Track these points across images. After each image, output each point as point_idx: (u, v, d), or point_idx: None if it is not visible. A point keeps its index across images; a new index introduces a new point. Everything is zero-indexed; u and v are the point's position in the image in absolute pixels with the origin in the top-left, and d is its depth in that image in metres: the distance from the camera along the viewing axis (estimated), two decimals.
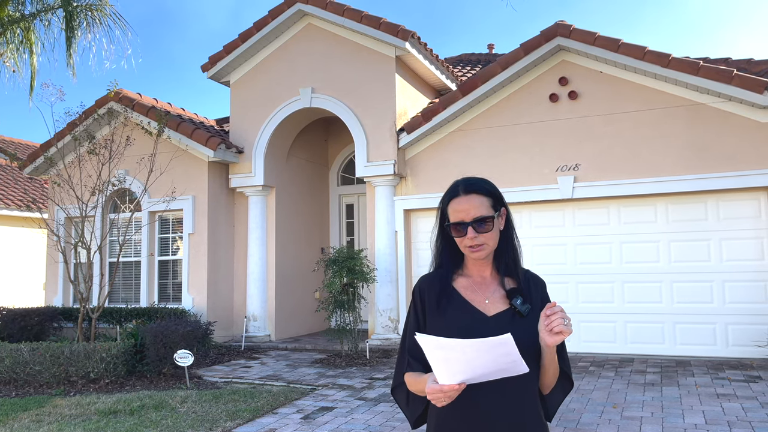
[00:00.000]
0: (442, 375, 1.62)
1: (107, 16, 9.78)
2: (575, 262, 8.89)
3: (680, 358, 8.07)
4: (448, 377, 1.62)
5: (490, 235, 1.84)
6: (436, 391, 1.63)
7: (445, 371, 1.61)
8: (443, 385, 1.61)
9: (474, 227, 1.82)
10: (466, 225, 1.82)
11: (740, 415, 5.33)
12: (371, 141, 9.78)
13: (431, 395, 1.65)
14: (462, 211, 1.84)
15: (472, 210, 1.83)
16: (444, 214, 1.92)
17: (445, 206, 1.91)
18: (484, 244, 1.84)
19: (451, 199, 1.89)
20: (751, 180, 7.89)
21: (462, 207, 1.84)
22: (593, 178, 8.67)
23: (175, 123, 10.13)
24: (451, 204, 1.88)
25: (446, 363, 1.60)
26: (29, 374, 7.46)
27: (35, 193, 15.10)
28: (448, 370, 1.61)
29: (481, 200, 1.86)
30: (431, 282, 1.94)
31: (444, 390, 1.61)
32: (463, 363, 1.60)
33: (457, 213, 1.85)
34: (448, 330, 1.83)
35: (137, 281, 10.89)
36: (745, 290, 8.02)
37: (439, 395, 1.63)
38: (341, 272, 8.53)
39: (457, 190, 1.90)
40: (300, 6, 10.14)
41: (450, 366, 1.61)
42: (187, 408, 6.11)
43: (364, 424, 5.44)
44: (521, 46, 8.85)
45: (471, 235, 1.82)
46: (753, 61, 9.10)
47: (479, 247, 1.84)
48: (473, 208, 1.83)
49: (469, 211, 1.83)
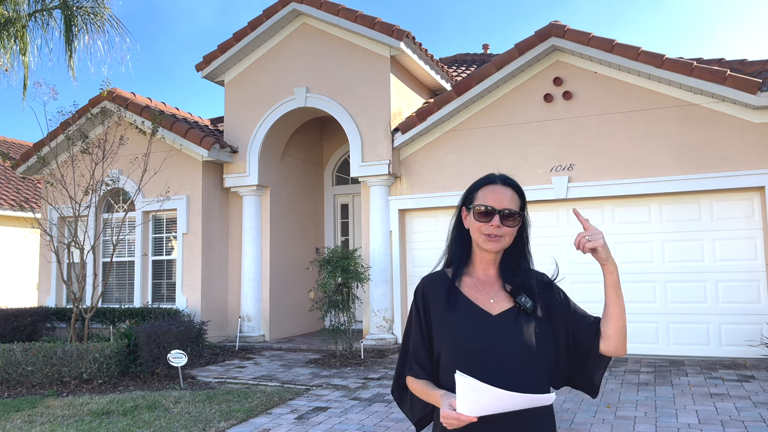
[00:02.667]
0: (464, 407, 1.57)
1: (105, 20, 9.75)
2: (569, 262, 8.90)
3: (674, 358, 8.10)
4: (469, 411, 1.57)
5: (511, 231, 1.84)
6: (452, 417, 1.60)
7: (469, 405, 1.57)
8: (461, 415, 1.58)
9: (501, 217, 1.82)
10: (496, 212, 1.82)
11: (733, 415, 5.35)
12: (366, 141, 9.77)
13: (445, 420, 1.62)
14: (495, 198, 1.84)
15: (506, 201, 1.84)
16: (469, 199, 1.90)
17: (474, 191, 1.90)
18: (503, 237, 1.83)
19: (485, 184, 1.89)
20: (744, 180, 7.92)
21: (496, 195, 1.85)
22: (587, 178, 8.68)
23: (169, 122, 10.09)
24: (484, 189, 1.88)
25: (475, 401, 1.56)
26: (21, 375, 7.42)
27: (28, 193, 15.03)
28: (473, 406, 1.57)
29: (515, 196, 1.87)
30: (434, 281, 1.93)
31: (461, 420, 1.58)
32: (492, 405, 1.57)
33: (490, 199, 1.84)
34: (452, 330, 1.81)
35: (131, 281, 10.84)
36: (739, 290, 8.05)
37: (454, 422, 1.60)
38: (335, 272, 8.52)
39: (494, 178, 1.90)
40: (294, 5, 10.12)
41: (477, 404, 1.57)
42: (180, 408, 6.09)
43: (358, 425, 5.43)
44: (516, 46, 8.86)
45: (496, 223, 1.81)
46: (746, 61, 9.13)
47: (498, 238, 1.82)
48: (507, 199, 1.84)
49: (503, 201, 1.83)
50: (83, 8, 9.70)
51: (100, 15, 9.82)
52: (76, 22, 9.65)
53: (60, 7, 9.71)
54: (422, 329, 1.89)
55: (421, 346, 1.89)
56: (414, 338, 1.91)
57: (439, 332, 1.84)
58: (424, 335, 1.89)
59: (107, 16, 9.89)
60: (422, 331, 1.89)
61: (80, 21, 9.71)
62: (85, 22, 9.76)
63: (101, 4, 9.87)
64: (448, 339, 1.81)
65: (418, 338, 1.90)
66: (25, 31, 9.91)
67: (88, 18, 9.75)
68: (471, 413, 1.57)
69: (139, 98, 10.76)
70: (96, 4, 9.84)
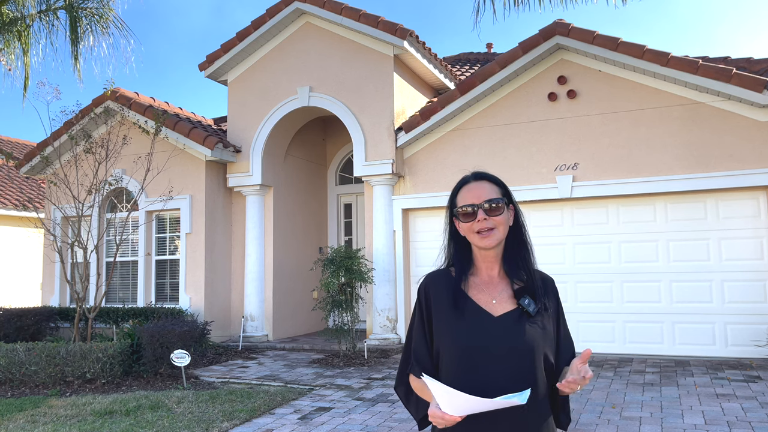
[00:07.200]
0: (446, 408, 1.63)
1: (110, 22, 9.75)
2: (574, 262, 8.86)
3: (679, 358, 8.05)
4: (452, 411, 1.63)
5: (500, 219, 1.82)
6: (437, 416, 1.64)
7: (449, 406, 1.62)
8: (446, 414, 1.62)
9: (484, 209, 1.81)
10: (477, 207, 1.81)
11: (740, 415, 5.30)
12: (369, 140, 9.74)
13: (433, 418, 1.66)
14: (473, 194, 1.84)
15: (483, 194, 1.83)
16: (453, 206, 1.90)
17: (454, 198, 1.90)
18: (494, 229, 1.81)
19: (460, 188, 1.90)
20: (750, 179, 7.86)
21: (473, 191, 1.85)
22: (592, 177, 8.64)
23: (172, 122, 10.08)
24: (460, 192, 1.88)
25: (450, 404, 1.62)
26: (25, 374, 7.41)
27: (32, 193, 15.05)
28: (453, 406, 1.62)
29: (492, 187, 1.87)
30: (436, 280, 1.91)
31: (446, 419, 1.62)
32: (469, 407, 1.62)
33: (468, 197, 1.84)
34: (452, 330, 1.80)
35: (134, 281, 10.84)
36: (745, 290, 7.99)
37: (440, 421, 1.64)
38: (339, 272, 8.50)
39: (467, 179, 1.91)
40: (298, 4, 10.10)
41: (456, 405, 1.62)
42: (183, 408, 6.07)
43: (362, 425, 5.41)
44: (520, 45, 8.82)
45: (481, 217, 1.80)
46: (752, 59, 9.08)
47: (489, 231, 1.81)
48: (484, 191, 1.84)
49: (480, 195, 1.83)
50: (88, 9, 9.71)
51: (105, 17, 9.82)
52: (81, 24, 9.65)
53: (65, 8, 9.72)
54: (424, 327, 1.90)
55: (422, 344, 1.89)
56: (416, 336, 1.91)
57: (440, 331, 1.84)
58: (426, 333, 1.89)
59: (112, 17, 9.89)
60: (424, 330, 1.89)
61: (85, 22, 9.71)
62: (90, 24, 9.76)
63: (106, 5, 9.87)
64: (448, 338, 1.81)
65: (420, 336, 1.90)
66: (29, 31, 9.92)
67: (93, 19, 9.75)
68: (454, 413, 1.62)
69: (142, 98, 10.75)
70: (101, 5, 9.84)
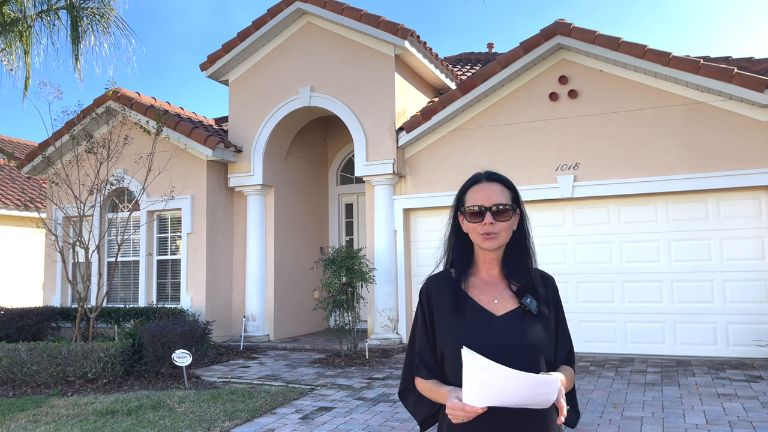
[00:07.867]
0: (470, 396, 1.57)
1: (111, 22, 9.76)
2: (575, 262, 8.86)
3: (681, 358, 8.04)
4: (475, 399, 1.56)
5: (506, 225, 1.82)
6: (457, 408, 1.60)
7: (476, 393, 1.56)
8: (467, 405, 1.58)
9: (493, 213, 1.80)
10: (486, 209, 1.80)
11: (741, 415, 5.30)
12: (370, 140, 9.75)
13: (451, 411, 1.61)
14: (483, 196, 1.83)
15: (494, 196, 1.82)
16: (460, 203, 1.89)
17: (462, 194, 1.89)
18: (499, 233, 1.81)
19: (471, 186, 1.88)
20: (751, 179, 7.86)
21: (484, 192, 1.83)
22: (593, 177, 8.64)
23: (174, 122, 10.09)
24: (470, 190, 1.87)
25: (480, 385, 1.55)
26: (27, 374, 7.42)
27: (33, 193, 15.07)
28: (479, 393, 1.56)
29: (503, 190, 1.85)
30: (438, 282, 1.92)
31: (467, 410, 1.58)
32: (498, 390, 1.55)
33: (478, 198, 1.83)
34: (455, 331, 1.80)
35: (135, 281, 10.85)
36: (746, 289, 7.99)
37: (460, 413, 1.60)
38: (340, 272, 8.50)
39: (479, 177, 1.89)
40: (299, 4, 10.11)
41: (484, 389, 1.55)
42: (185, 408, 6.08)
43: (363, 424, 5.41)
44: (521, 44, 8.82)
45: (489, 221, 1.80)
46: (753, 59, 9.07)
47: (494, 235, 1.81)
48: (495, 194, 1.83)
49: (491, 197, 1.82)
50: (89, 9, 9.72)
51: (107, 16, 9.83)
52: (83, 24, 9.66)
53: (66, 8, 9.72)
54: (427, 330, 1.89)
55: (426, 347, 1.88)
56: (420, 339, 1.90)
57: (443, 332, 1.84)
58: (429, 336, 1.89)
59: (113, 17, 9.90)
60: (427, 333, 1.89)
61: (86, 22, 9.72)
62: (92, 24, 9.77)
63: (107, 5, 9.88)
64: (451, 339, 1.80)
65: (424, 339, 1.89)
66: (30, 32, 9.93)
67: (94, 19, 9.76)
68: (477, 403, 1.57)
69: (143, 98, 10.76)
70: (102, 5, 9.85)
